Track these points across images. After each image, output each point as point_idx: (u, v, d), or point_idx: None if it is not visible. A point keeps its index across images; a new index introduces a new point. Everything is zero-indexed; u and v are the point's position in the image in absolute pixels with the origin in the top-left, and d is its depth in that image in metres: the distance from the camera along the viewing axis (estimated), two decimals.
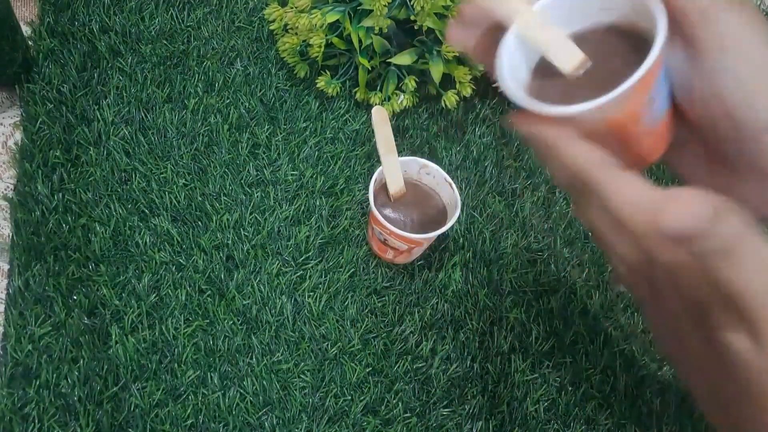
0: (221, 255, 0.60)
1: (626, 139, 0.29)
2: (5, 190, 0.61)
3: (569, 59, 0.29)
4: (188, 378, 0.54)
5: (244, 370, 0.55)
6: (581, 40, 0.30)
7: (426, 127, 0.72)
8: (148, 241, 0.59)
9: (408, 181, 0.61)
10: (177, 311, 0.56)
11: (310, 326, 0.58)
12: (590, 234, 0.54)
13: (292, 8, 0.66)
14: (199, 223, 0.61)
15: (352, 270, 0.61)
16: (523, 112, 0.29)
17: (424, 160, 0.60)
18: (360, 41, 0.66)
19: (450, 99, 0.66)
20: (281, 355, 0.56)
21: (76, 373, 0.52)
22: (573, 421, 0.57)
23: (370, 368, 0.57)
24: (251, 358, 0.55)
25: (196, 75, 0.69)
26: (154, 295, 0.57)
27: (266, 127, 0.68)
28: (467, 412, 0.56)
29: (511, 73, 0.30)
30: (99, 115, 0.65)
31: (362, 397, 0.55)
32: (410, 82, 0.66)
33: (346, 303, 0.59)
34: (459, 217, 0.64)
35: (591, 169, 0.27)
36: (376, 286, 0.61)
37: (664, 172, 0.75)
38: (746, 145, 0.28)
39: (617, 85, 0.27)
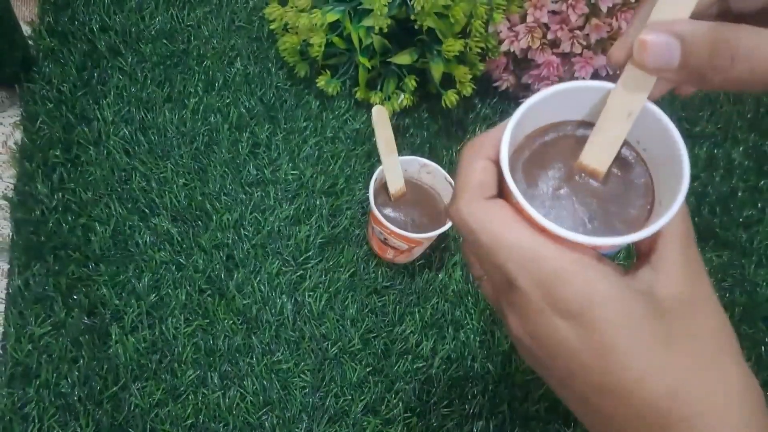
0: (221, 254, 0.60)
1: None
2: (5, 189, 0.61)
3: (591, 160, 0.29)
4: (188, 378, 0.53)
5: (244, 369, 0.55)
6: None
7: (426, 127, 0.72)
8: (148, 240, 0.59)
9: (408, 180, 0.61)
10: (177, 311, 0.56)
11: (310, 326, 0.58)
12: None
13: (292, 7, 0.66)
14: (199, 222, 0.61)
15: (353, 269, 0.61)
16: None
17: (424, 160, 0.60)
18: (360, 41, 0.65)
19: (450, 98, 0.66)
20: (281, 354, 0.56)
21: (76, 373, 0.52)
22: (574, 421, 0.57)
23: (371, 368, 0.57)
24: (251, 358, 0.55)
25: (196, 74, 0.69)
26: (154, 294, 0.57)
27: (266, 126, 0.67)
28: (468, 411, 0.56)
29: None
30: (99, 115, 0.65)
31: (363, 397, 0.55)
32: (410, 82, 0.66)
33: (347, 302, 0.59)
34: None
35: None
36: (376, 286, 0.61)
37: None
38: None
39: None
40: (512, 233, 0.27)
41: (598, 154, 0.29)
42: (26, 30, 0.68)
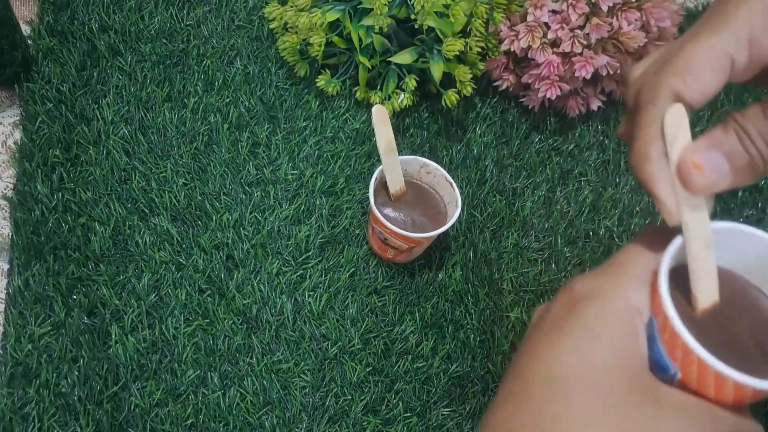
0: (221, 254, 0.59)
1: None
2: (5, 189, 0.61)
3: (704, 297, 0.31)
4: (188, 378, 0.53)
5: (244, 369, 0.55)
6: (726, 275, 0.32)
7: (426, 126, 0.72)
8: (147, 240, 0.59)
9: (408, 180, 0.61)
10: (177, 311, 0.56)
11: (310, 326, 0.58)
12: None
13: (292, 7, 0.66)
14: (199, 222, 0.61)
15: (353, 269, 0.61)
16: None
17: (424, 159, 0.60)
18: (360, 40, 0.65)
19: (450, 98, 0.66)
20: (281, 354, 0.56)
21: (76, 373, 0.52)
22: None
23: (371, 368, 0.57)
24: (251, 358, 0.55)
25: (196, 74, 0.69)
26: (153, 294, 0.57)
27: (266, 126, 0.67)
28: (468, 411, 0.56)
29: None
30: (98, 114, 0.65)
31: (363, 397, 0.55)
32: (410, 81, 0.66)
33: (347, 302, 0.59)
34: (459, 216, 0.64)
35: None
36: (376, 286, 0.61)
37: None
38: None
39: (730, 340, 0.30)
40: (636, 265, 0.31)
41: (706, 294, 0.31)
42: (26, 30, 0.68)
